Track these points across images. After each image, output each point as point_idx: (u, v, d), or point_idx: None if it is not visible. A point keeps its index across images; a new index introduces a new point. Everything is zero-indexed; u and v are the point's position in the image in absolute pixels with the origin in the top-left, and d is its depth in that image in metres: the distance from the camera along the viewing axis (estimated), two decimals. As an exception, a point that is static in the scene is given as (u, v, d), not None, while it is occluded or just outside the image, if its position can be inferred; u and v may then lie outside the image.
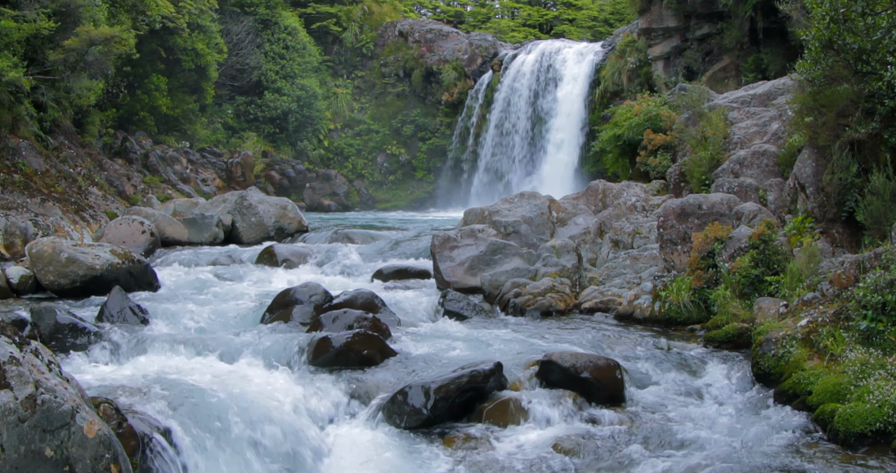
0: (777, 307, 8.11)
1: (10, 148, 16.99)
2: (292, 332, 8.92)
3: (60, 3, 17.44)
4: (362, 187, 33.95)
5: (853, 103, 8.80)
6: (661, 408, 7.09)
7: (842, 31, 8.61)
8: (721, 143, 12.59)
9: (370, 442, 6.42)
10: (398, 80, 35.54)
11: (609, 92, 26.49)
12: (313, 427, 6.47)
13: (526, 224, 12.97)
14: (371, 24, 37.22)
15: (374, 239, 16.52)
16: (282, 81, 33.14)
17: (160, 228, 16.69)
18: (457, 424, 6.80)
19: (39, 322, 8.48)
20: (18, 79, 15.26)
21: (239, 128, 32.53)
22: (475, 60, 33.75)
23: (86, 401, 5.00)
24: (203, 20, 28.12)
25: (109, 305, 9.50)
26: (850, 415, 5.94)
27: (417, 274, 12.92)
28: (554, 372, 7.34)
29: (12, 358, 4.63)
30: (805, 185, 9.72)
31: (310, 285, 10.55)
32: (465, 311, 10.50)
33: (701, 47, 23.14)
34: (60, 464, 4.44)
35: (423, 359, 7.98)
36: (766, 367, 7.26)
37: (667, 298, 9.88)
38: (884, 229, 8.24)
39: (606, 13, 40.71)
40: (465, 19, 44.07)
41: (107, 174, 21.17)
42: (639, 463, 5.90)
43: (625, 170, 18.19)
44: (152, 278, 12.18)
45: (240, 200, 18.38)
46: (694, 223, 10.29)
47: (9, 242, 13.79)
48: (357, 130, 35.15)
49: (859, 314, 6.87)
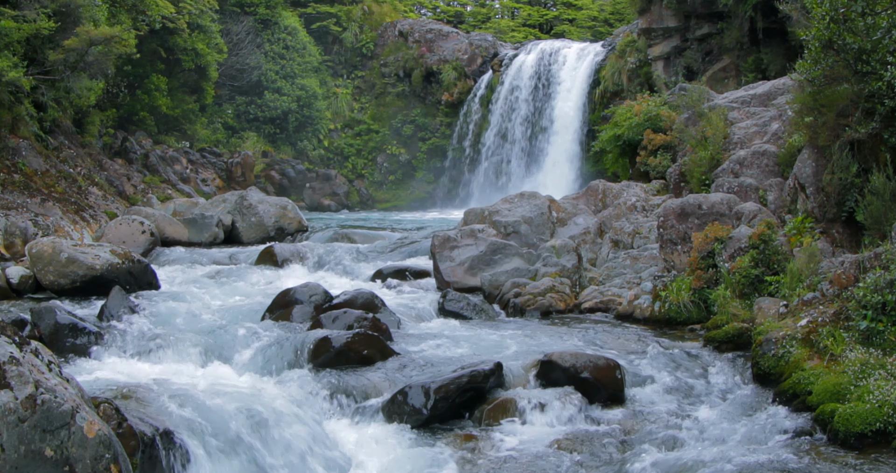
0: (777, 307, 8.11)
1: (10, 148, 16.98)
2: (292, 332, 8.92)
3: (60, 3, 17.43)
4: (362, 187, 33.93)
5: (853, 103, 8.80)
6: (660, 408, 7.09)
7: (842, 31, 8.61)
8: (721, 143, 12.59)
9: (370, 442, 6.42)
10: (398, 80, 35.51)
11: (609, 92, 26.47)
12: (313, 426, 6.47)
13: (526, 224, 12.97)
14: (371, 24, 37.20)
15: (374, 239, 16.52)
16: (282, 81, 33.12)
17: (160, 228, 16.68)
18: (457, 424, 6.81)
19: (39, 322, 8.48)
20: (18, 79, 15.25)
21: (239, 128, 32.52)
22: (475, 60, 33.74)
23: (86, 401, 5.00)
24: (203, 20, 28.10)
25: (109, 305, 9.50)
26: (850, 415, 5.94)
27: (417, 274, 12.92)
28: (554, 372, 7.34)
29: (12, 358, 4.63)
30: (805, 185, 9.72)
31: (310, 285, 10.55)
32: (465, 311, 10.50)
33: (701, 47, 23.14)
34: (60, 464, 4.44)
35: (423, 359, 7.98)
36: (766, 367, 7.26)
37: (667, 298, 9.88)
38: (884, 229, 8.24)
39: (606, 13, 40.69)
40: (465, 19, 44.05)
41: (107, 174, 21.16)
42: (638, 463, 5.90)
43: (625, 170, 18.18)
44: (152, 278, 12.18)
45: (240, 200, 18.37)
46: (694, 223, 10.29)
47: (9, 242, 13.79)
48: (357, 130, 35.14)
49: (859, 314, 6.87)
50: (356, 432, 6.63)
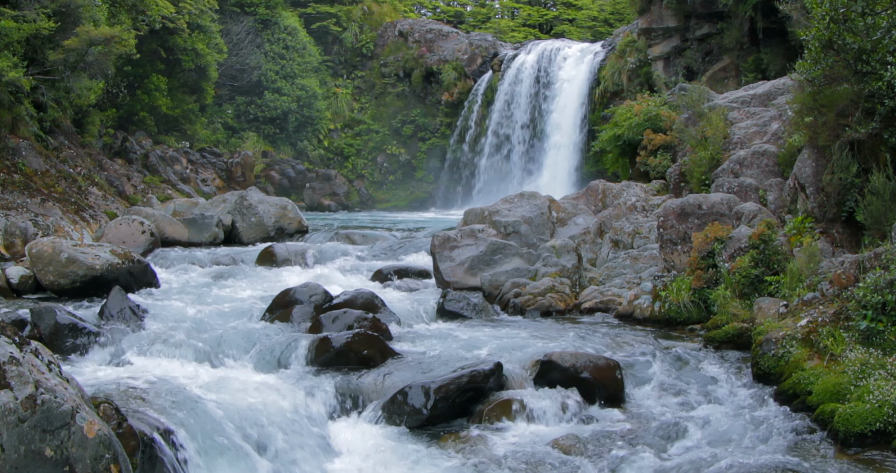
0: (777, 307, 8.11)
1: (10, 148, 16.98)
2: (292, 332, 8.92)
3: (60, 3, 17.42)
4: (362, 187, 33.93)
5: (853, 103, 8.80)
6: (660, 408, 7.09)
7: (842, 31, 8.61)
8: (721, 143, 12.59)
9: (370, 442, 6.42)
10: (398, 80, 35.51)
11: (609, 92, 26.47)
12: (313, 427, 6.47)
13: (526, 224, 12.97)
14: (371, 24, 37.20)
15: (374, 239, 16.52)
16: (282, 81, 33.13)
17: (160, 228, 16.68)
18: (457, 424, 6.81)
19: (39, 322, 8.48)
20: (18, 79, 15.25)
21: (239, 128, 32.52)
22: (475, 60, 33.74)
23: (86, 401, 5.00)
24: (203, 20, 28.10)
25: (109, 305, 9.50)
26: (850, 415, 5.94)
27: (417, 274, 12.92)
28: (554, 372, 7.34)
29: (12, 358, 4.62)
30: (805, 185, 9.72)
31: (310, 285, 10.55)
32: (465, 311, 10.50)
33: (701, 47, 23.14)
34: (60, 464, 4.44)
35: (422, 359, 7.98)
36: (766, 367, 7.26)
37: (667, 298, 9.88)
38: (884, 229, 8.24)
39: (606, 13, 40.68)
40: (465, 19, 44.05)
41: (107, 174, 21.16)
42: (638, 463, 5.90)
43: (625, 170, 18.18)
44: (152, 278, 12.18)
45: (240, 200, 18.37)
46: (694, 223, 10.29)
47: (9, 242, 13.79)
48: (357, 130, 35.14)
49: (859, 314, 6.87)
50: (356, 432, 6.63)
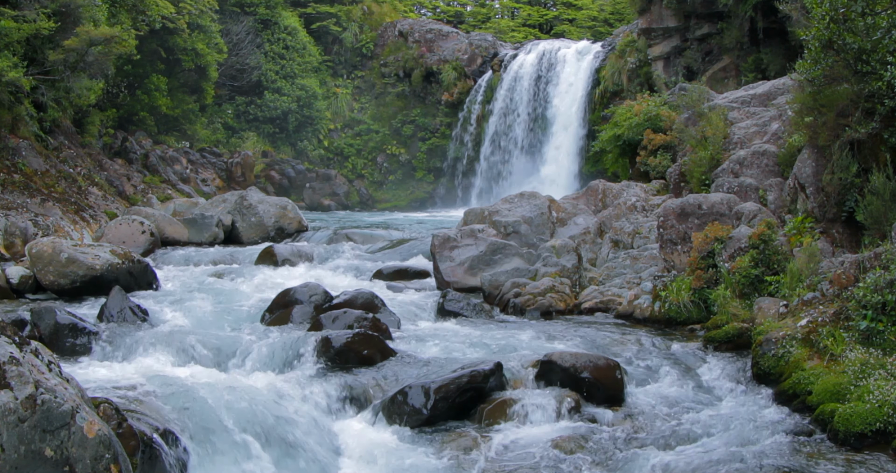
0: (777, 307, 8.11)
1: (10, 148, 16.98)
2: (292, 332, 8.92)
3: (60, 3, 17.42)
4: (362, 187, 33.92)
5: (853, 103, 8.80)
6: (660, 408, 7.09)
7: (842, 31, 8.61)
8: (721, 143, 12.58)
9: (370, 442, 6.42)
10: (398, 80, 35.50)
11: (609, 92, 26.47)
12: (313, 426, 6.47)
13: (526, 224, 12.97)
14: (371, 24, 37.19)
15: (374, 239, 16.52)
16: (282, 81, 33.12)
17: (160, 228, 16.68)
18: (457, 423, 6.80)
19: (39, 322, 8.48)
20: (18, 79, 15.24)
21: (239, 128, 32.51)
22: (475, 60, 33.73)
23: (86, 401, 5.00)
24: (203, 20, 28.10)
25: (109, 305, 9.50)
26: (850, 415, 5.94)
27: (417, 274, 12.92)
28: (554, 372, 7.34)
29: (12, 358, 4.62)
30: (805, 185, 9.72)
31: (310, 285, 10.55)
32: (465, 311, 10.50)
33: (701, 47, 23.13)
34: (60, 464, 4.44)
35: (422, 359, 7.98)
36: (766, 367, 7.26)
37: (667, 298, 9.88)
38: (884, 229, 8.24)
39: (606, 13, 40.67)
40: (465, 19, 44.03)
41: (107, 174, 21.16)
42: (638, 463, 5.90)
43: (625, 170, 18.18)
44: (152, 279, 12.18)
45: (240, 200, 18.37)
46: (694, 223, 10.29)
47: (9, 242, 13.79)
48: (357, 130, 35.13)
49: (859, 314, 6.87)
50: (356, 432, 6.63)
